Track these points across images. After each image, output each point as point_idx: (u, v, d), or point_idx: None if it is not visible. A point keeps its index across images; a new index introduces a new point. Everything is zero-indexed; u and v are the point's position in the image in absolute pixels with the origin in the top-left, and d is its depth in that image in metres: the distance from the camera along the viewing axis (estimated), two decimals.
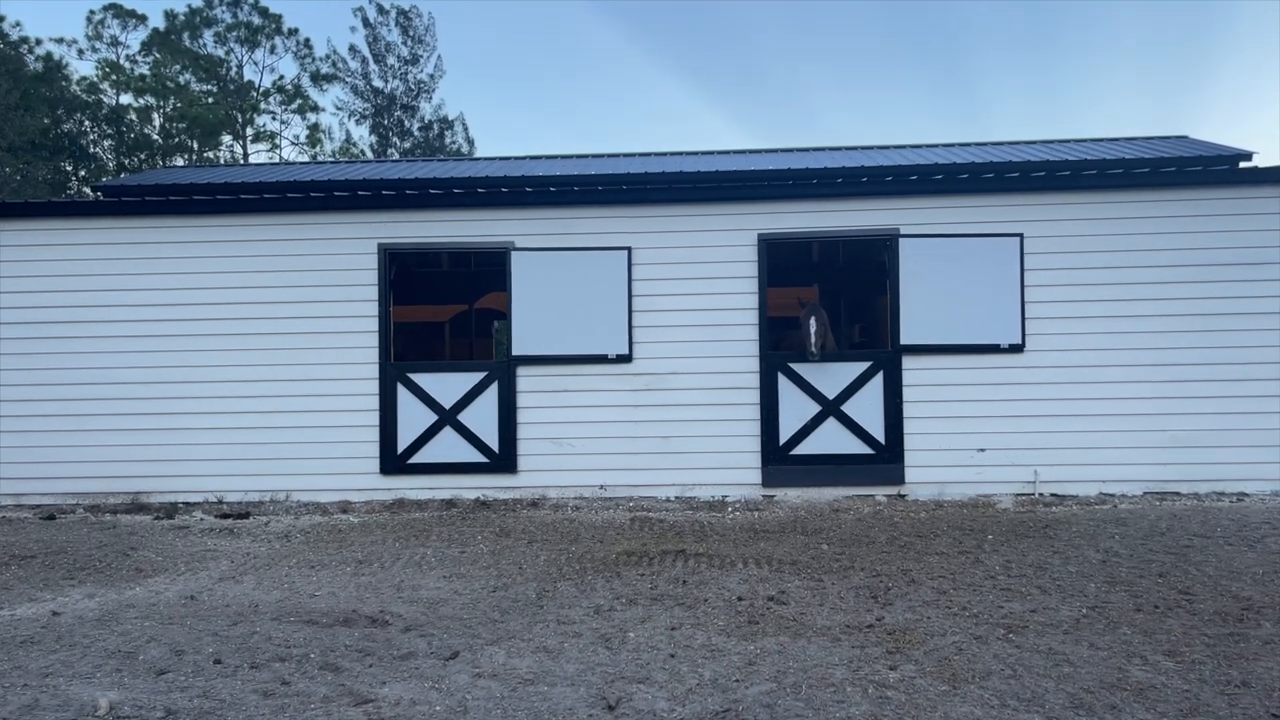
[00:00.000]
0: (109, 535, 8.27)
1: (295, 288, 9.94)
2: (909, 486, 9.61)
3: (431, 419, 9.82)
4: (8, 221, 10.10)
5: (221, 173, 14.17)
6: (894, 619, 5.23)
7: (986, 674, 4.29)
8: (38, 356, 9.91)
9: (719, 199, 9.94)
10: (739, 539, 7.67)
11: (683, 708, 3.93)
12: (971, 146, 13.44)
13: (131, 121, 39.78)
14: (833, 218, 9.88)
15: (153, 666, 4.54)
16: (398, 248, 10.00)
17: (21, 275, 9.98)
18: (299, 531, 8.40)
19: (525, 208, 9.97)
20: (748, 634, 4.99)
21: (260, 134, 43.89)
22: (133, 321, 9.93)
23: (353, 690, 4.19)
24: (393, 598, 5.91)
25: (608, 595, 5.87)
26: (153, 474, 9.80)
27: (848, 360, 9.84)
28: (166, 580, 6.56)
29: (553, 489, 9.74)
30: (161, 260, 10.00)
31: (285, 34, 43.20)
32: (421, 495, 9.75)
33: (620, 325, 9.75)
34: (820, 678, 4.27)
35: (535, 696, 4.09)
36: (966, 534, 7.73)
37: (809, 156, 12.79)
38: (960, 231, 9.70)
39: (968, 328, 9.60)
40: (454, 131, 44.72)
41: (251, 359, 9.88)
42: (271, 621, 5.34)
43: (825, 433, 9.69)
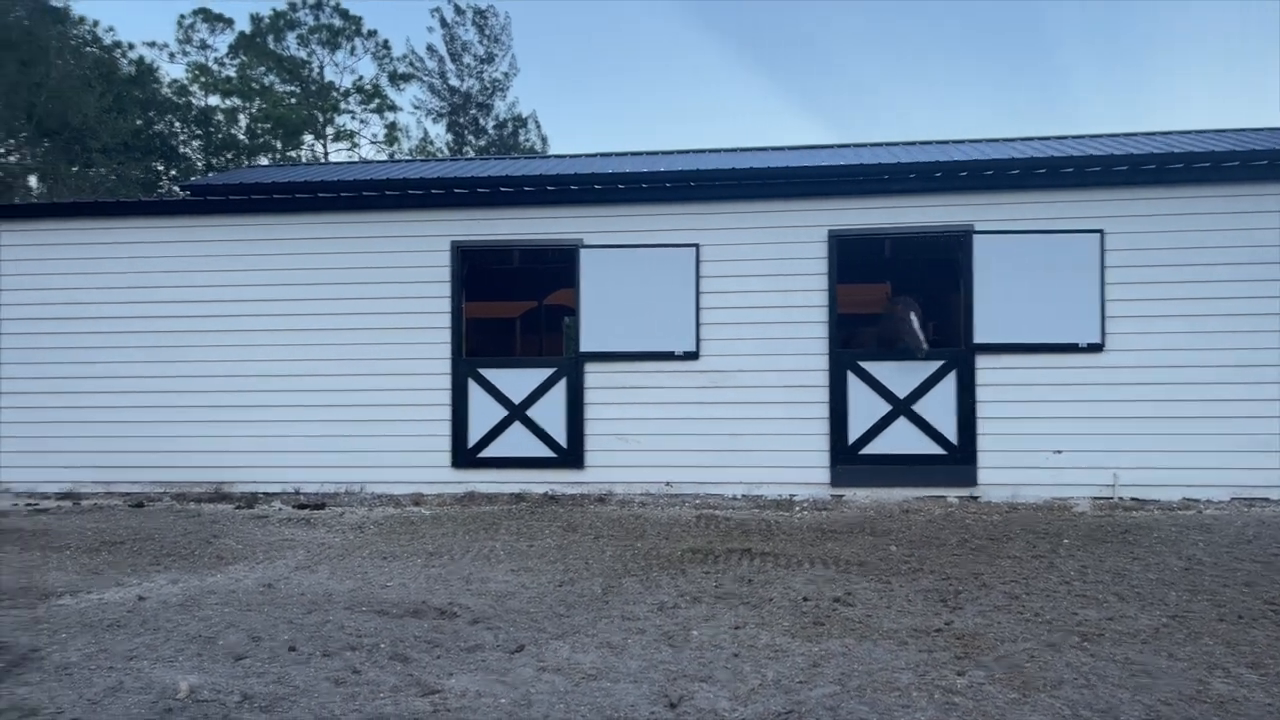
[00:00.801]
0: (193, 523, 8.58)
1: (372, 284, 10.16)
2: (982, 488, 9.42)
3: (501, 414, 9.95)
4: (104, 220, 10.53)
5: (302, 171, 14.55)
6: (963, 623, 5.14)
7: (1059, 682, 4.19)
8: (130, 350, 10.31)
9: (788, 195, 9.86)
10: (806, 539, 7.61)
11: (745, 708, 3.93)
12: (1051, 140, 13.08)
13: (219, 122, 41.13)
14: (905, 214, 9.73)
15: (231, 651, 4.70)
16: (470, 245, 10.15)
17: (115, 272, 10.40)
18: (372, 523, 8.60)
19: (594, 205, 10.03)
20: (812, 635, 4.95)
21: (340, 133, 45.00)
22: (219, 317, 10.27)
23: (420, 681, 4.28)
24: (461, 590, 6.01)
25: (672, 592, 5.88)
26: (235, 465, 10.12)
27: (920, 359, 9.66)
28: (246, 568, 6.77)
29: (619, 485, 9.79)
30: (246, 258, 10.32)
31: (365, 35, 44.17)
32: (491, 489, 9.89)
33: (688, 322, 9.75)
34: (885, 681, 4.22)
35: (598, 692, 4.13)
36: (1041, 538, 7.55)
37: (881, 151, 12.60)
38: (1037, 228, 9.46)
39: (1044, 326, 9.36)
40: (527, 129, 45.20)
41: (329, 354, 10.13)
42: (344, 611, 5.48)
43: (895, 432, 9.55)
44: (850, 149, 13.39)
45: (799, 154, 13.05)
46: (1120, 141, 12.34)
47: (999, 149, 12.34)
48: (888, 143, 13.77)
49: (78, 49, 30.72)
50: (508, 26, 44.37)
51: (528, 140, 44.95)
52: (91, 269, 10.42)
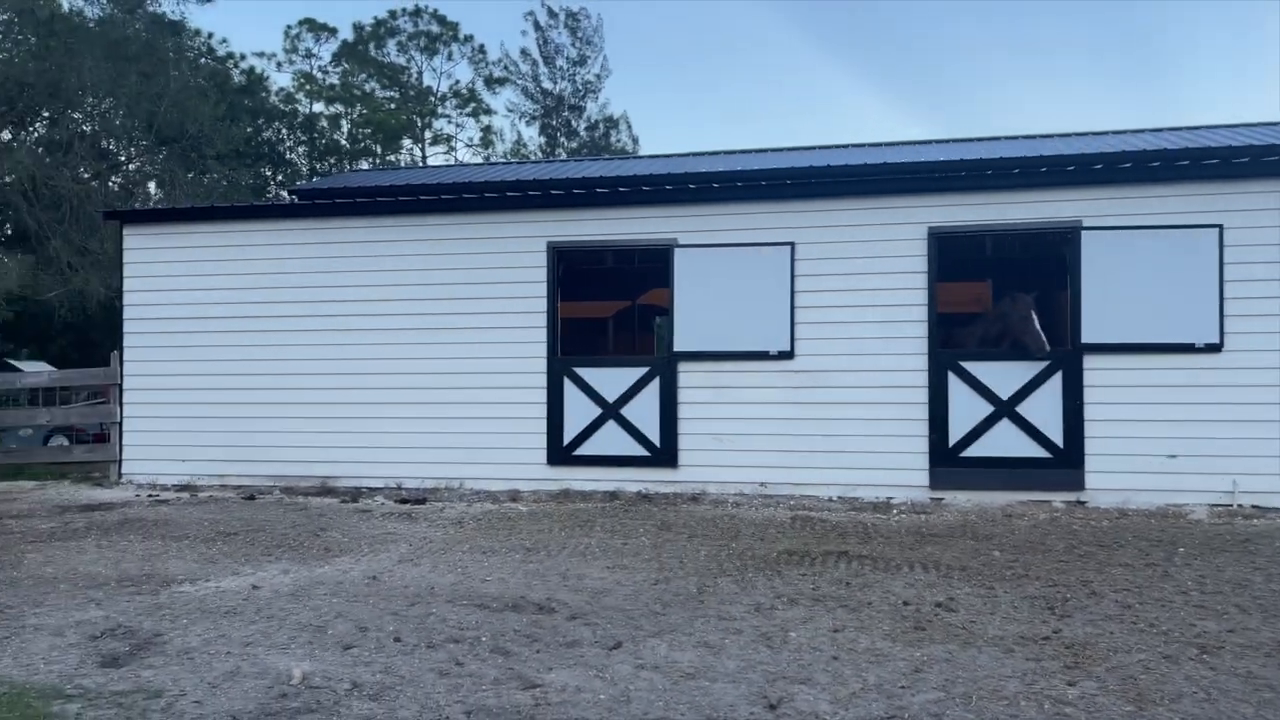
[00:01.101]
0: (301, 516, 8.90)
1: (470, 284, 10.37)
2: (1089, 493, 9.10)
3: (596, 412, 10.04)
4: (218, 224, 11.00)
5: (402, 175, 14.95)
6: (1073, 632, 4.97)
7: (1177, 696, 4.02)
8: (242, 349, 10.75)
9: (886, 192, 9.70)
10: (904, 542, 7.47)
11: (846, 711, 3.88)
12: (1164, 132, 12.55)
13: (323, 128, 42.55)
14: (1008, 210, 9.46)
15: (340, 641, 4.86)
16: (565, 246, 10.27)
17: (229, 274, 10.85)
18: (471, 518, 8.78)
19: (688, 205, 10.04)
20: (914, 640, 4.86)
21: (437, 137, 46.05)
22: (325, 317, 10.63)
23: (521, 674, 4.35)
24: (559, 585, 6.09)
25: (768, 594, 5.85)
26: (340, 460, 10.46)
27: (1024, 359, 9.39)
28: (351, 560, 6.99)
29: (713, 484, 9.78)
30: (350, 259, 10.65)
31: (461, 40, 45.09)
32: (586, 486, 9.99)
33: (782, 322, 9.67)
34: (991, 689, 4.11)
35: (696, 691, 4.13)
36: (1154, 545, 7.25)
37: (982, 146, 12.28)
38: (1150, 224, 9.08)
39: (1158, 326, 8.98)
40: (618, 130, 45.51)
41: (430, 353, 10.38)
42: (446, 604, 5.61)
43: (998, 434, 9.30)
44: (950, 144, 13.09)
45: (897, 150, 12.83)
46: (1239, 132, 11.76)
47: (1107, 141, 11.90)
48: (989, 137, 13.42)
49: (194, 61, 32.17)
50: (600, 28, 44.76)
51: (619, 141, 45.25)
52: (207, 271, 10.90)
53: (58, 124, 27.61)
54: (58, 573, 6.54)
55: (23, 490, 10.84)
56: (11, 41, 26.71)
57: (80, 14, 27.94)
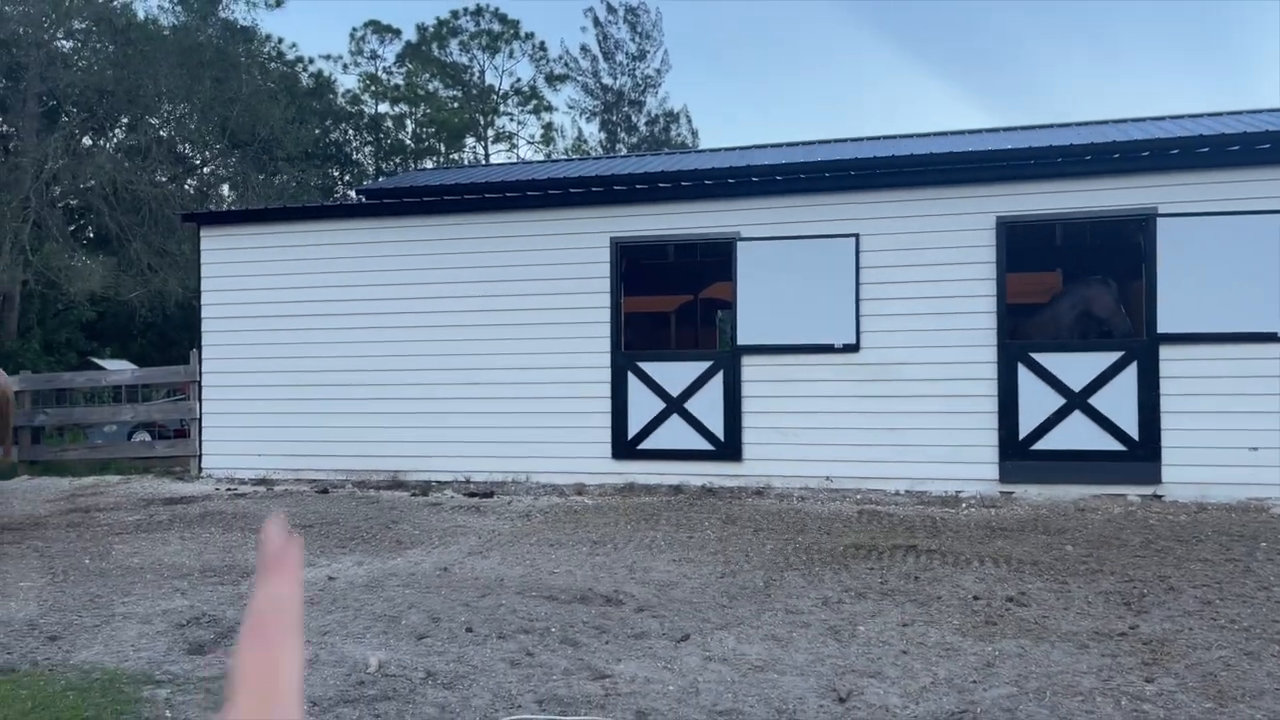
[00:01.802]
0: (373, 509, 9.10)
1: (535, 280, 10.48)
2: (1166, 486, 8.86)
3: (659, 406, 10.08)
4: (289, 224, 11.30)
5: (466, 173, 15.16)
6: (1150, 628, 4.87)
7: (1259, 693, 3.92)
8: (315, 346, 11.02)
9: (952, 181, 9.56)
10: (974, 536, 7.38)
11: (916, 705, 3.87)
12: (1243, 115, 12.14)
13: (388, 128, 43.26)
14: (1080, 198, 9.25)
15: (413, 631, 4.98)
16: (628, 241, 10.32)
17: (300, 273, 11.13)
18: (538, 511, 8.89)
19: (751, 198, 10.02)
20: (985, 635, 4.81)
21: (500, 135, 46.49)
22: (392, 314, 10.83)
23: (590, 665, 4.41)
24: (625, 578, 6.15)
25: (835, 587, 5.83)
26: (410, 454, 10.67)
27: (1096, 350, 9.19)
28: (423, 552, 7.14)
29: (778, 479, 9.75)
30: (417, 257, 10.84)
31: (522, 38, 45.41)
32: (650, 480, 10.04)
33: (847, 314, 9.59)
34: (1066, 685, 4.06)
35: (765, 683, 4.15)
36: (1235, 540, 7.05)
37: (1052, 133, 12.02)
38: (1230, 209, 8.80)
39: (1237, 315, 8.70)
40: (678, 124, 45.44)
41: (496, 348, 10.52)
42: (516, 595, 5.71)
43: (1070, 427, 9.10)
44: (1018, 132, 12.83)
45: (963, 139, 12.62)
46: None
47: (1182, 126, 11.56)
48: (1058, 124, 13.13)
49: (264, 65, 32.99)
50: (659, 22, 44.68)
51: (679, 135, 45.17)
52: (280, 270, 11.19)
53: (136, 129, 28.54)
54: (144, 563, 6.80)
55: (109, 484, 11.27)
56: (90, 50, 27.68)
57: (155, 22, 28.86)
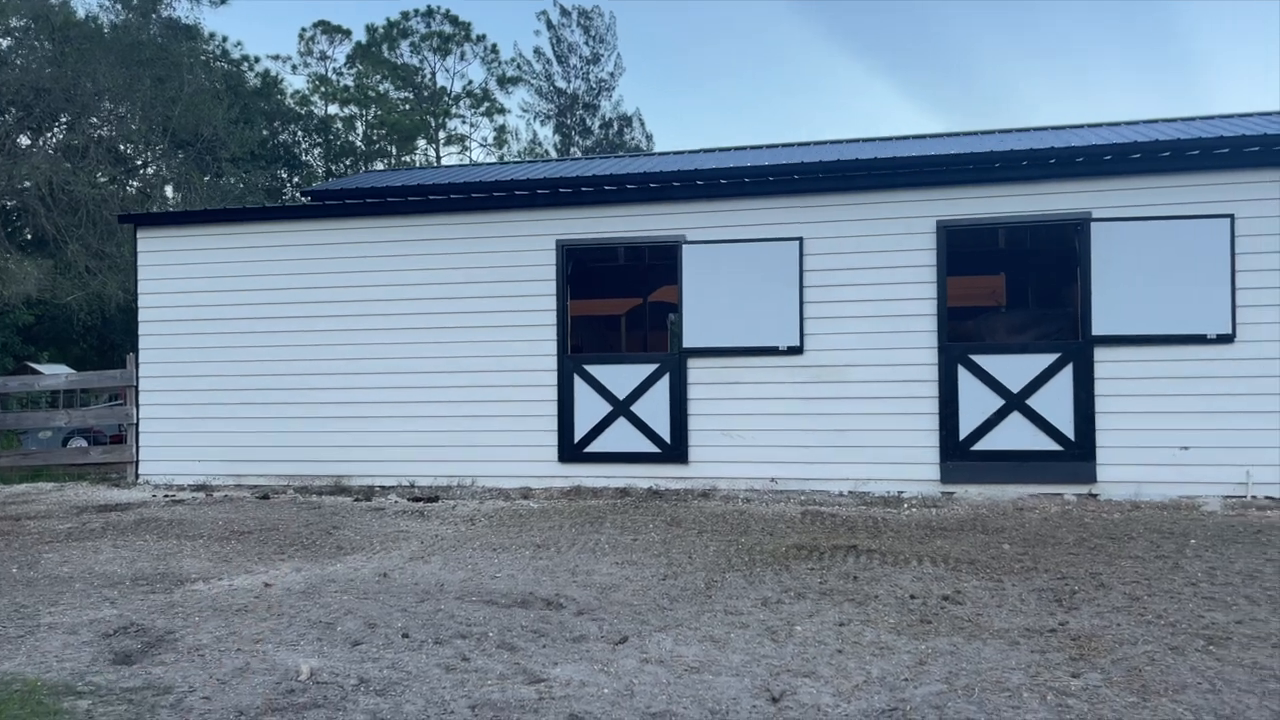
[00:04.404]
0: (314, 515, 8.97)
1: (481, 283, 10.42)
2: (1101, 485, 9.06)
3: (606, 409, 10.08)
4: (231, 226, 11.10)
5: (415, 175, 15.02)
6: (1079, 624, 4.96)
7: (1181, 687, 4.01)
8: (256, 350, 10.85)
9: (894, 185, 9.68)
10: (914, 536, 7.47)
11: (848, 704, 3.89)
12: (1176, 122, 12.46)
13: (338, 130, 42.78)
14: (1018, 202, 9.42)
15: (349, 637, 4.91)
16: (574, 243, 10.30)
17: (243, 275, 10.95)
18: (483, 515, 8.83)
19: (696, 200, 10.06)
20: (919, 633, 4.86)
21: (452, 137, 46.21)
22: (336, 317, 10.70)
23: (527, 669, 4.38)
24: (567, 581, 6.12)
25: (776, 588, 5.86)
26: (353, 458, 10.54)
27: (1033, 352, 9.36)
28: (363, 558, 7.05)
29: (723, 480, 9.79)
30: (363, 259, 10.72)
31: (473, 40, 45.22)
32: (597, 483, 10.02)
33: (791, 316, 9.67)
34: (995, 681, 4.11)
35: (700, 685, 4.15)
36: (1165, 537, 7.22)
37: (992, 139, 12.23)
38: (1161, 214, 9.03)
39: (1169, 317, 8.93)
40: (632, 128, 45.52)
41: (441, 352, 10.44)
42: (455, 600, 5.65)
43: (1009, 427, 9.27)
44: (960, 137, 13.04)
45: (906, 144, 12.79)
46: (1252, 121, 11.66)
47: (1118, 132, 11.83)
48: (999, 130, 13.36)
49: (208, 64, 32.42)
50: (612, 26, 44.80)
51: (633, 139, 45.26)
52: (220, 272, 11.00)
53: (75, 129, 27.89)
54: (73, 572, 6.63)
55: (41, 491, 10.98)
56: (27, 48, 27.00)
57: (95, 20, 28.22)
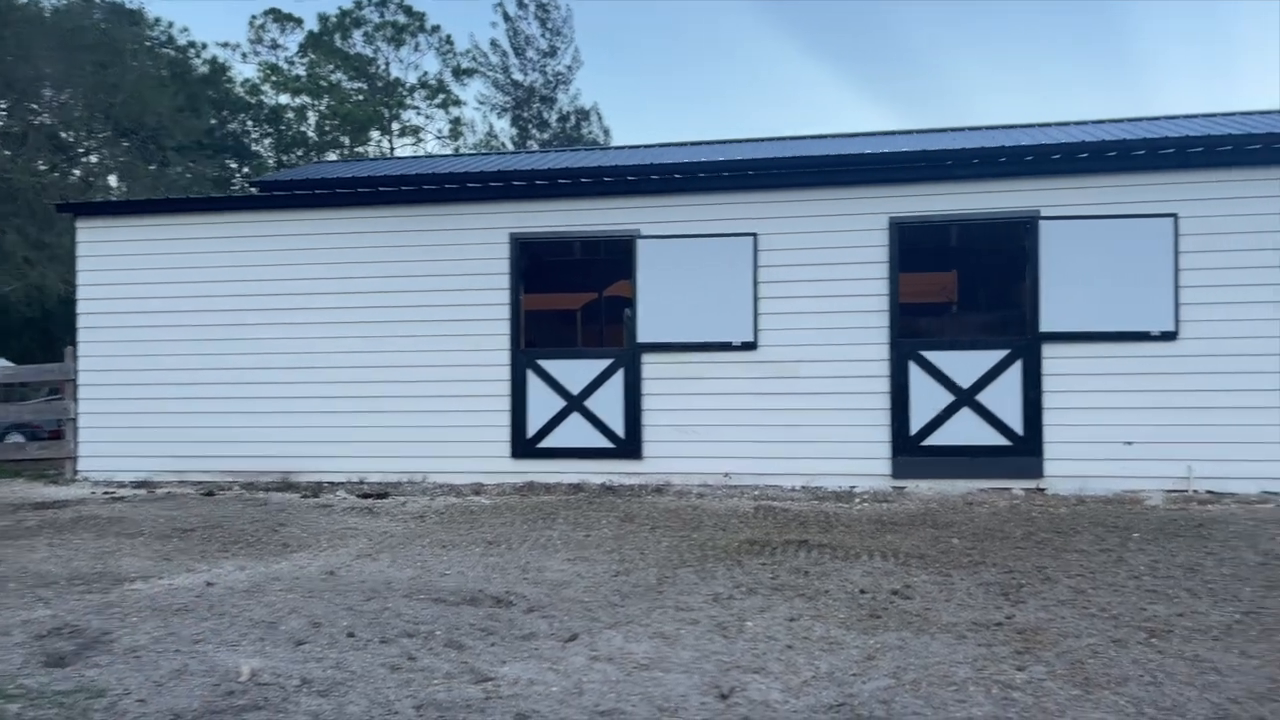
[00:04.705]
0: (260, 512, 8.80)
1: (433, 276, 10.29)
2: (1048, 480, 9.20)
3: (560, 405, 10.01)
4: (174, 216, 10.83)
5: (367, 166, 14.81)
6: (1025, 618, 5.02)
7: (1123, 679, 4.06)
8: (202, 343, 10.61)
9: (847, 182, 9.73)
10: (865, 531, 7.51)
11: (796, 700, 3.89)
12: (1123, 123, 12.68)
13: (289, 120, 42.06)
14: (968, 200, 9.52)
15: (292, 637, 4.81)
16: (528, 237, 10.21)
17: (187, 267, 10.70)
18: (433, 512, 8.72)
19: (651, 195, 10.02)
20: (869, 628, 4.88)
21: (406, 129, 45.65)
22: (285, 310, 10.51)
23: (474, 668, 4.32)
24: (518, 578, 6.06)
25: (727, 583, 5.86)
26: (301, 454, 10.36)
27: (983, 348, 9.47)
28: (310, 556, 6.92)
29: (677, 475, 9.78)
30: (312, 251, 10.53)
31: (428, 31, 44.69)
32: (550, 479, 9.96)
33: (745, 312, 9.68)
34: (942, 675, 4.14)
35: (649, 682, 4.13)
36: (1110, 531, 7.34)
37: (944, 137, 12.35)
38: (1107, 213, 9.18)
39: (1114, 315, 9.08)
40: (590, 122, 45.30)
41: (391, 346, 10.30)
42: (403, 598, 5.57)
43: (959, 423, 9.37)
44: (913, 135, 13.15)
45: (861, 140, 12.87)
46: (1197, 123, 11.91)
47: (1067, 132, 12.01)
48: (952, 128, 13.49)
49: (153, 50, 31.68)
50: (569, 19, 44.49)
51: (590, 133, 45.07)
52: (163, 264, 10.73)
53: (14, 115, 27.09)
54: (7, 572, 6.42)
55: None
56: None
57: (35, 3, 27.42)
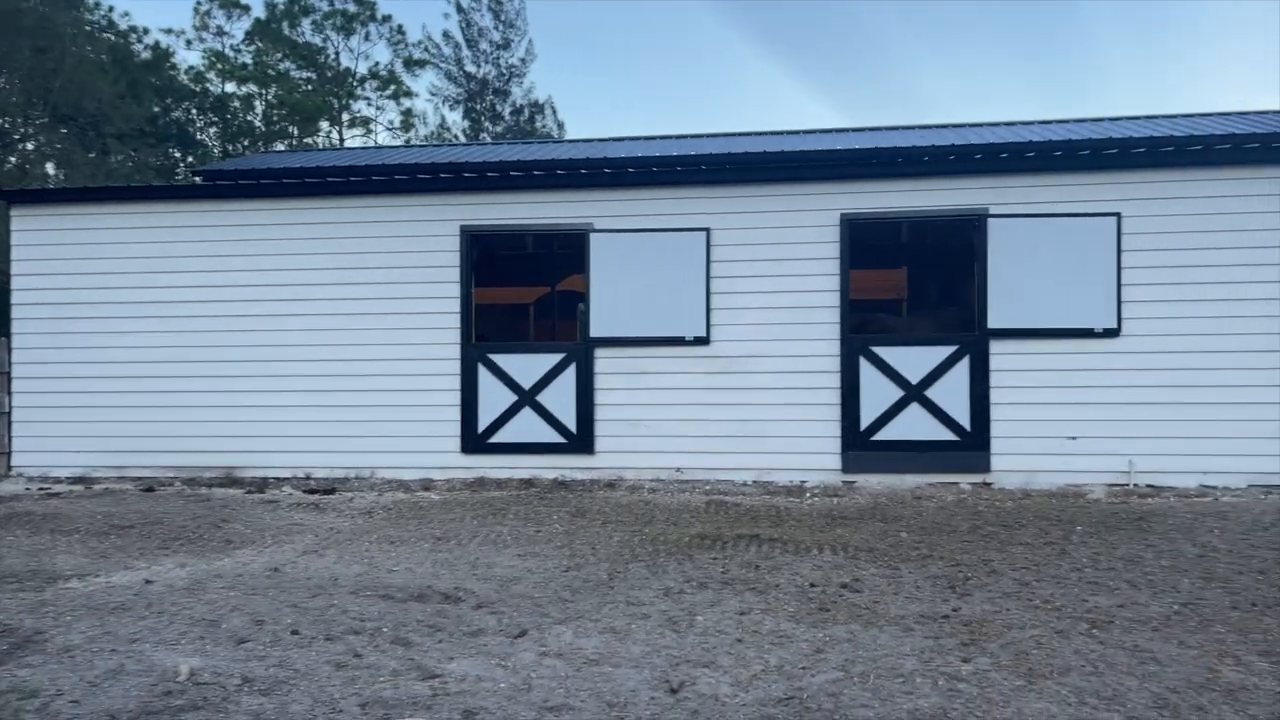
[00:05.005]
0: (203, 508, 8.61)
1: (382, 269, 10.14)
2: (995, 474, 9.33)
3: (511, 399, 9.93)
4: (113, 205, 10.54)
5: (314, 157, 14.54)
6: (971, 610, 5.08)
7: (1066, 669, 4.12)
8: (142, 335, 10.34)
9: (799, 179, 9.77)
10: (815, 525, 7.56)
11: (746, 693, 3.89)
12: (1070, 123, 12.90)
13: (235, 109, 41.18)
14: (918, 197, 9.61)
15: (234, 635, 4.70)
16: (479, 229, 10.11)
17: (126, 257, 10.41)
18: (381, 508, 8.60)
19: (603, 189, 9.97)
20: (818, 621, 4.90)
21: (356, 120, 44.95)
22: (229, 302, 10.28)
23: (421, 665, 4.26)
24: (467, 574, 6.00)
25: (678, 578, 5.85)
26: (245, 449, 10.15)
27: (932, 344, 9.58)
28: (254, 552, 6.78)
29: (629, 470, 9.76)
30: (257, 242, 10.31)
31: (379, 20, 44.04)
32: (501, 474, 9.88)
33: (698, 307, 9.68)
34: (889, 667, 4.16)
35: (599, 677, 4.10)
36: (1054, 524, 7.46)
37: (895, 135, 12.46)
38: (1053, 211, 9.33)
39: (1059, 311, 9.24)
40: (544, 115, 45.02)
41: (340, 339, 10.13)
42: (349, 595, 5.47)
43: (908, 418, 9.46)
44: (864, 132, 13.25)
45: (814, 137, 12.93)
46: (1140, 124, 12.15)
47: (1015, 132, 12.18)
48: (903, 126, 13.62)
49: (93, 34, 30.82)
50: (523, 11, 44.13)
51: (545, 126, 44.79)
52: (102, 253, 10.44)
53: None
54: None
55: None
56: None
57: None
